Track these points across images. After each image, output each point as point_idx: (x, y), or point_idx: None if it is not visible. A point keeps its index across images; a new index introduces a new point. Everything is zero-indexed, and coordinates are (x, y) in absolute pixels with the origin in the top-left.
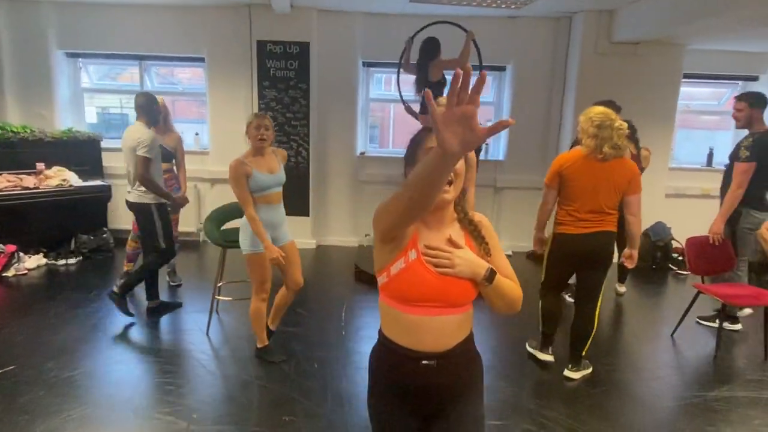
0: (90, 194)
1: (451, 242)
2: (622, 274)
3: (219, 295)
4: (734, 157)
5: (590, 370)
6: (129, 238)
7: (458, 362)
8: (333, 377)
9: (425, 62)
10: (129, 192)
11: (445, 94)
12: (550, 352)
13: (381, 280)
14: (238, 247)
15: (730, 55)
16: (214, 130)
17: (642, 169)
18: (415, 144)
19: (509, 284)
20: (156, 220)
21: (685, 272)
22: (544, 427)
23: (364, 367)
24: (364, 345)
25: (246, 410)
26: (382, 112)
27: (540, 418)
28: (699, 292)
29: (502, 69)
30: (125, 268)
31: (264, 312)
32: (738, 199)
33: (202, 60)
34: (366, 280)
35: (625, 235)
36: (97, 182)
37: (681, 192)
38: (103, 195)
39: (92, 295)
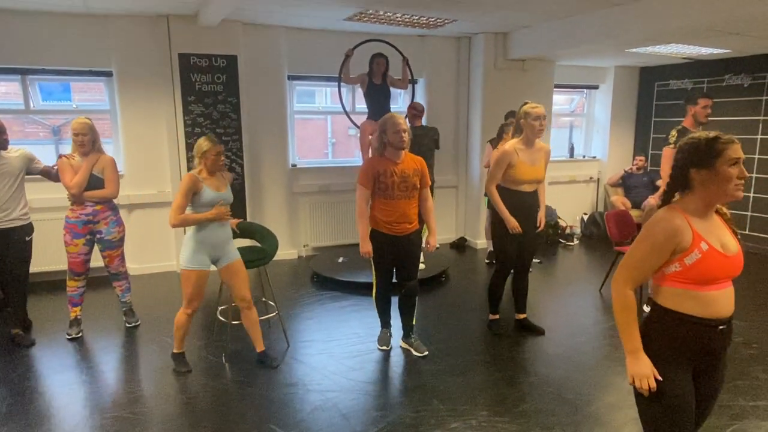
0: None
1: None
2: None
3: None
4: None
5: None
6: (67, 277)
7: (732, 323)
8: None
9: (385, 76)
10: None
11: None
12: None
13: (672, 269)
14: (255, 266)
15: (582, 69)
16: (129, 151)
17: None
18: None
19: None
20: None
21: (571, 243)
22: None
23: None
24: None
25: None
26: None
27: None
28: (620, 253)
29: (415, 82)
30: (73, 314)
31: (185, 324)
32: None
33: (107, 74)
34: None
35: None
36: None
37: (556, 180)
38: None
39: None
